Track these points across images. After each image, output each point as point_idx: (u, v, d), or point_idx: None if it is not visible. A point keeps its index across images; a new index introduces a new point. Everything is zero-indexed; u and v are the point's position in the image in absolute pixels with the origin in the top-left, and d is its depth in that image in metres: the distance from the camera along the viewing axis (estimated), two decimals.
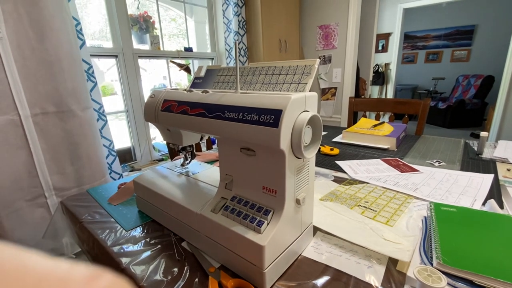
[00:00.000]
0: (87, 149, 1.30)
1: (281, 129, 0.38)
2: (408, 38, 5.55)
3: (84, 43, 1.28)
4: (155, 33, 2.05)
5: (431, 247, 0.46)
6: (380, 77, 4.75)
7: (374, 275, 0.43)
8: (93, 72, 1.33)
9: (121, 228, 0.59)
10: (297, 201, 0.44)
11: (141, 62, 1.79)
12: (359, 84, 3.01)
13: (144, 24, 2.05)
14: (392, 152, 1.04)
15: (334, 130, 1.43)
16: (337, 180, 0.80)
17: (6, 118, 1.07)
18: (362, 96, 3.14)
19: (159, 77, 2.38)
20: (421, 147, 1.10)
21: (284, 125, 0.38)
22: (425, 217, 0.57)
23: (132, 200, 0.72)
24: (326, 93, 2.67)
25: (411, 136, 1.26)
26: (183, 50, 1.98)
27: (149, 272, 0.46)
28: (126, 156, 1.80)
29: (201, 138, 0.67)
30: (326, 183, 0.78)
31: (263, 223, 0.41)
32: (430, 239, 0.48)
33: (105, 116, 1.40)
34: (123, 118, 1.82)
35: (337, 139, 1.23)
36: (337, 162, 0.94)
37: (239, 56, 2.10)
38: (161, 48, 1.88)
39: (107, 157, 1.42)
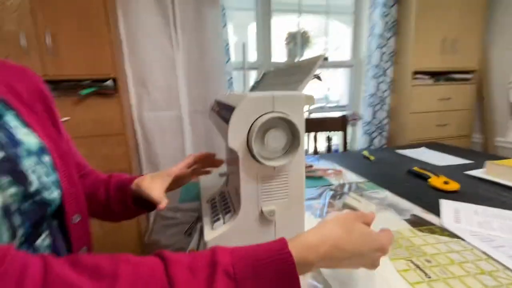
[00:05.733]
0: (220, 143, 1.64)
1: (229, 126, 0.36)
2: None
3: (229, 59, 1.63)
4: (311, 47, 2.20)
5: None
6: None
7: None
8: (232, 82, 1.66)
9: None
10: (262, 212, 0.40)
11: None
12: None
13: (301, 40, 2.25)
14: None
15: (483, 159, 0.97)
16: (413, 221, 0.58)
17: (174, 113, 1.57)
18: None
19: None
20: None
21: (234, 122, 0.36)
22: None
23: None
24: None
25: None
26: None
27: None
28: None
29: None
30: (388, 218, 0.58)
31: (218, 220, 0.41)
32: None
33: None
34: None
35: (474, 172, 0.84)
36: (442, 200, 0.66)
37: (386, 62, 1.85)
38: (299, 59, 2.01)
39: None
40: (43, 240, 0.39)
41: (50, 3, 1.16)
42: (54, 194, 0.39)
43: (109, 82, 1.29)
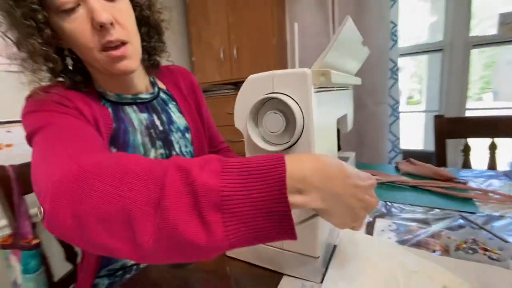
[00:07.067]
0: (371, 138, 1.46)
1: (235, 107, 0.38)
2: None
3: (395, 43, 1.38)
4: None
5: None
6: None
7: None
8: (397, 70, 1.40)
9: None
10: None
11: None
12: None
13: None
14: None
15: None
16: None
17: None
18: None
19: None
20: None
21: (238, 104, 0.38)
22: None
23: None
24: None
25: None
26: None
27: None
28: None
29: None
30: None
31: None
32: None
33: (398, 113, 1.43)
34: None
35: None
36: None
37: None
38: None
39: (390, 151, 1.47)
40: None
41: (237, 25, 1.57)
42: None
43: None
